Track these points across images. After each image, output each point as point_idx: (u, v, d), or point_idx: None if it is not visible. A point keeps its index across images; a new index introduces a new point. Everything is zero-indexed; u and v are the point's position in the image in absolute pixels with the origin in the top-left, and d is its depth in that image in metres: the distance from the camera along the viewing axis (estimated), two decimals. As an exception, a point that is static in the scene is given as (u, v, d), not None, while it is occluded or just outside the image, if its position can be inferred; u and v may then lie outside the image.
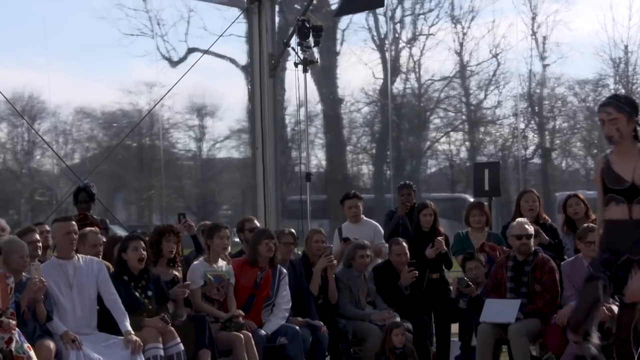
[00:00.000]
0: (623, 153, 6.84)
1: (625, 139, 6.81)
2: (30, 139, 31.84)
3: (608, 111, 6.80)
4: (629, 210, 6.74)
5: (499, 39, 33.58)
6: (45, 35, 32.49)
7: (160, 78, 26.58)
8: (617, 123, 6.76)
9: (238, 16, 13.98)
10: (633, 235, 6.74)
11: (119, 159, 29.66)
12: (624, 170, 6.79)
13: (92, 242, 8.56)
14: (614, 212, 6.83)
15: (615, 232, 6.83)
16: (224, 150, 35.34)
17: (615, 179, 6.82)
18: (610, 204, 6.85)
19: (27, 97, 30.83)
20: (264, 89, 13.63)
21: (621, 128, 6.77)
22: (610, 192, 6.85)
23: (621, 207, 6.78)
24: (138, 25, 30.96)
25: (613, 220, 6.84)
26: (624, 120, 6.77)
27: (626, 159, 6.80)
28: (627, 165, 6.78)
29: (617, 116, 6.76)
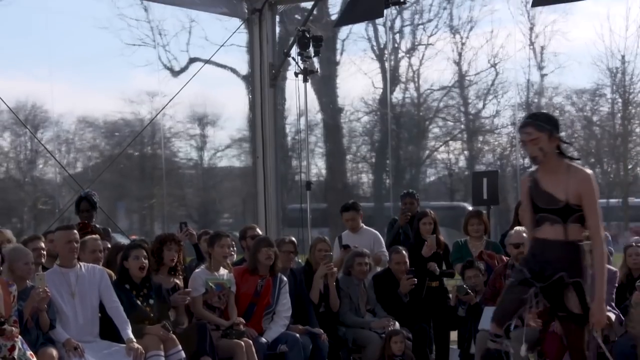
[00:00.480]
0: (551, 171, 6.67)
1: (550, 157, 6.62)
2: (33, 148, 31.85)
3: (528, 132, 6.62)
4: (564, 230, 6.59)
5: (497, 49, 33.58)
6: (49, 45, 32.48)
7: (161, 87, 26.65)
8: (538, 143, 6.58)
9: (239, 26, 13.99)
10: (568, 256, 6.59)
11: (120, 167, 29.67)
12: (555, 189, 6.61)
13: (91, 248, 8.56)
14: (548, 232, 6.65)
15: (549, 251, 6.66)
16: (225, 159, 35.34)
17: (546, 199, 6.64)
18: (544, 225, 6.66)
19: (30, 106, 30.84)
20: (264, 98, 13.64)
21: (544, 147, 6.58)
22: (542, 212, 6.67)
23: (556, 227, 6.61)
24: (140, 35, 30.95)
25: (548, 240, 6.65)
26: (545, 139, 6.58)
27: (555, 177, 6.63)
28: (558, 183, 6.60)
29: (537, 136, 6.58)
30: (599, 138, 34.22)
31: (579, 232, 6.60)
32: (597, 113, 34.17)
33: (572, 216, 6.55)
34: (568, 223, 6.56)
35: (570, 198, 6.52)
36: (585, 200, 6.52)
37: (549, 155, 6.59)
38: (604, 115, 34.00)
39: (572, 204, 6.53)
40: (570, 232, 6.57)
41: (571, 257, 6.58)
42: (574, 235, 6.58)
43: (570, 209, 6.54)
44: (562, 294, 6.60)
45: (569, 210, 6.54)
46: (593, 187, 6.58)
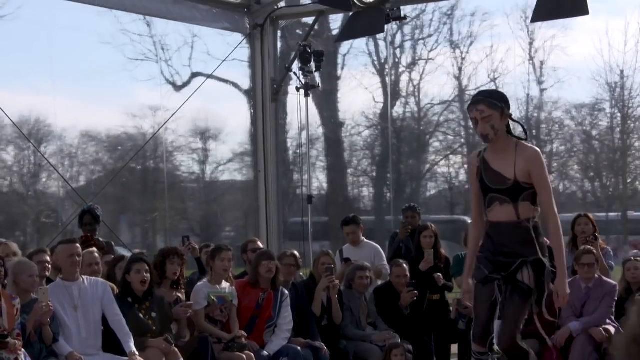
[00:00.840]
0: (500, 150, 6.50)
1: (500, 135, 6.46)
2: (36, 162, 31.85)
3: (480, 109, 6.43)
4: (515, 209, 6.42)
5: (497, 63, 33.64)
6: (52, 60, 32.48)
7: (164, 102, 26.55)
8: (490, 120, 6.40)
9: (241, 41, 14.00)
10: (522, 236, 6.44)
11: (123, 181, 29.66)
12: (504, 168, 6.45)
13: (88, 261, 8.56)
14: (499, 213, 6.49)
15: (503, 234, 6.49)
16: (226, 173, 35.31)
17: (495, 178, 6.49)
18: (494, 205, 6.50)
19: (33, 120, 30.85)
20: (266, 113, 13.64)
21: (495, 125, 6.41)
22: (491, 192, 6.51)
23: (506, 207, 6.45)
24: (143, 50, 30.96)
25: (501, 223, 6.49)
26: (497, 117, 6.41)
27: (504, 156, 6.47)
28: (507, 162, 6.45)
29: (490, 113, 6.40)
30: (598, 152, 34.21)
31: (530, 210, 6.45)
32: (597, 127, 34.17)
33: (522, 194, 6.41)
34: (518, 202, 6.42)
35: (519, 176, 6.39)
36: (535, 176, 6.39)
37: (499, 134, 6.45)
38: (603, 129, 34.00)
39: (522, 182, 6.39)
40: (521, 211, 6.42)
41: (525, 237, 6.43)
42: (525, 214, 6.43)
43: (519, 187, 6.40)
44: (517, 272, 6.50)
45: (519, 188, 6.40)
46: (542, 163, 6.46)
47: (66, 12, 25.33)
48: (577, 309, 9.03)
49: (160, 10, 13.19)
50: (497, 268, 6.50)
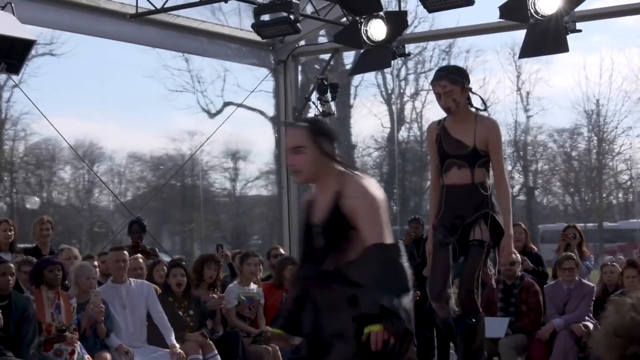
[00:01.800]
0: (460, 120, 6.25)
1: (461, 107, 6.23)
2: (90, 180, 31.92)
3: (442, 84, 6.18)
4: (471, 173, 6.19)
5: (489, 93, 33.54)
6: (103, 91, 32.59)
7: (200, 127, 26.70)
8: (452, 94, 6.17)
9: (267, 75, 14.03)
10: (475, 198, 6.19)
11: (164, 196, 29.68)
12: (464, 136, 6.21)
13: (133, 266, 8.60)
14: (455, 176, 6.24)
15: (458, 196, 6.23)
16: (254, 189, 35.32)
17: (455, 145, 6.24)
18: (452, 169, 6.25)
19: (87, 144, 30.95)
20: (288, 137, 13.64)
21: (457, 98, 6.18)
22: (450, 158, 6.25)
23: (463, 171, 6.20)
24: (181, 82, 31.14)
25: (456, 185, 6.23)
26: (459, 91, 6.18)
27: (464, 126, 6.23)
28: (467, 131, 6.21)
29: (451, 88, 6.16)
30: (578, 171, 34.11)
31: (484, 175, 6.23)
32: (576, 149, 34.07)
33: (479, 161, 6.19)
34: (475, 167, 6.19)
35: (478, 143, 6.17)
36: (492, 145, 6.17)
37: (460, 106, 6.23)
38: (581, 151, 33.90)
39: (480, 149, 6.17)
40: (476, 175, 6.20)
41: (478, 198, 6.19)
42: (479, 178, 6.20)
43: (477, 154, 6.18)
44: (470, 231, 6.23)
45: (476, 155, 6.18)
46: (499, 133, 6.25)
47: (115, 50, 25.46)
48: (560, 307, 8.99)
49: (197, 48, 13.25)
50: (451, 230, 6.25)
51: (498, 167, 6.20)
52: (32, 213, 25.77)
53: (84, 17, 11.25)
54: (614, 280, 9.21)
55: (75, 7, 11.15)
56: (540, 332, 8.83)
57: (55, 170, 31.62)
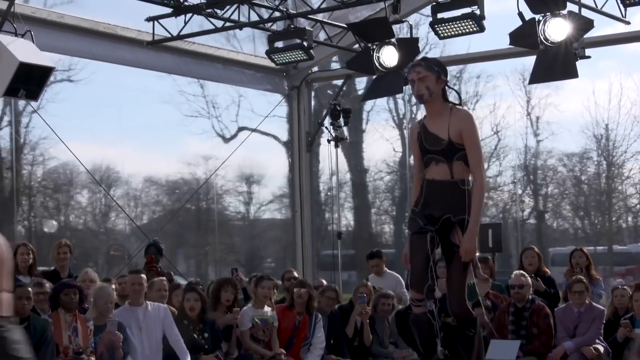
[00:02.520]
0: (436, 114, 6.07)
1: (435, 98, 6.05)
2: (106, 204, 31.94)
3: (417, 70, 6.03)
4: (450, 168, 5.97)
5: (499, 118, 33.45)
6: (120, 116, 32.67)
7: (214, 152, 26.61)
8: (426, 81, 5.99)
9: (280, 101, 14.08)
10: (454, 196, 5.97)
11: (180, 220, 29.66)
12: (439, 130, 6.01)
13: (157, 287, 8.61)
14: (434, 171, 6.04)
15: (437, 192, 6.03)
16: (268, 212, 35.29)
17: (432, 140, 6.04)
18: (431, 165, 6.06)
19: (104, 168, 30.98)
20: (301, 161, 13.68)
21: (430, 86, 6.00)
22: (429, 154, 6.06)
23: (441, 166, 6.00)
24: (197, 108, 31.04)
25: (435, 181, 6.04)
26: (433, 79, 6.00)
27: (439, 119, 6.03)
28: (442, 124, 6.01)
29: (426, 74, 5.99)
30: (587, 194, 33.98)
31: (463, 170, 6.00)
32: (585, 173, 33.94)
33: (456, 154, 5.97)
34: (452, 161, 5.97)
35: (453, 136, 5.96)
36: (466, 137, 5.97)
37: (434, 97, 6.04)
38: (591, 175, 33.77)
39: (455, 142, 5.96)
40: (455, 170, 5.97)
41: (456, 196, 5.96)
42: (458, 173, 5.98)
43: (453, 147, 5.97)
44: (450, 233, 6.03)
45: (453, 148, 5.97)
46: (473, 123, 6.06)
47: (132, 76, 25.52)
48: (571, 330, 8.94)
49: (212, 74, 13.33)
50: (429, 221, 6.06)
51: (472, 157, 5.97)
52: (50, 236, 25.82)
53: (102, 44, 11.34)
54: (624, 304, 9.17)
55: (93, 34, 11.25)
56: (552, 354, 8.79)
57: (73, 195, 31.66)
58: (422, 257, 6.06)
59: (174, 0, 10.80)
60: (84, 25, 11.16)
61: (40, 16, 10.65)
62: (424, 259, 6.05)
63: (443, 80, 6.08)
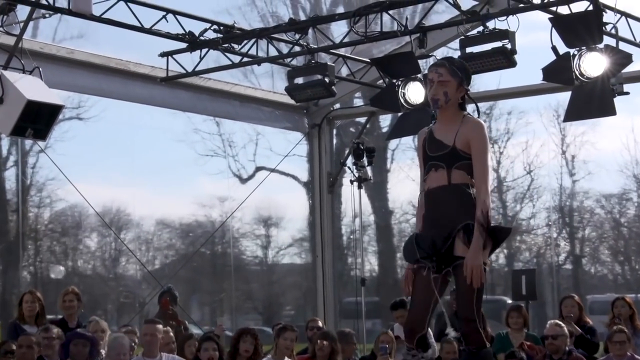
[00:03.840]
0: (447, 121, 5.80)
1: (451, 105, 5.78)
2: (116, 248, 32.07)
3: (440, 72, 5.75)
4: (448, 175, 5.66)
5: (532, 157, 33.44)
6: (132, 156, 32.94)
7: (231, 193, 26.71)
8: (446, 86, 5.72)
9: (300, 139, 14.14)
10: (453, 202, 5.64)
11: (194, 265, 29.73)
12: (446, 136, 5.73)
13: (163, 341, 8.60)
14: (432, 179, 5.74)
15: (436, 202, 5.72)
16: (287, 256, 35.30)
17: (436, 146, 5.76)
18: (430, 172, 5.76)
19: (114, 210, 31.15)
20: (323, 203, 13.69)
21: (449, 93, 5.73)
22: (431, 160, 5.78)
23: (440, 172, 5.69)
24: (212, 147, 31.26)
25: (432, 190, 5.74)
26: (454, 86, 5.73)
27: (449, 126, 5.75)
28: (450, 131, 5.73)
29: (448, 79, 5.73)
30: (627, 238, 33.78)
31: (463, 178, 5.68)
32: (625, 215, 33.79)
33: (458, 163, 5.67)
34: (452, 169, 5.67)
35: (458, 143, 5.67)
36: (474, 146, 5.67)
37: (450, 104, 5.77)
38: (630, 217, 33.61)
39: (459, 149, 5.67)
40: (454, 177, 5.67)
41: (458, 199, 5.65)
42: (457, 179, 5.67)
43: (456, 154, 5.67)
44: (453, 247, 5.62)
45: (455, 155, 5.67)
46: (483, 133, 5.72)
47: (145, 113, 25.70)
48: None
49: (229, 111, 13.40)
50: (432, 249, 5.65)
51: (478, 168, 5.67)
52: (57, 283, 25.92)
53: (113, 80, 11.44)
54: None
55: (104, 70, 11.36)
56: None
57: (81, 238, 31.82)
58: (424, 297, 5.72)
59: (189, 35, 10.90)
60: (94, 61, 11.28)
61: (49, 52, 10.77)
62: (425, 301, 5.73)
63: (464, 89, 5.83)
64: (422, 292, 5.71)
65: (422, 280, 5.70)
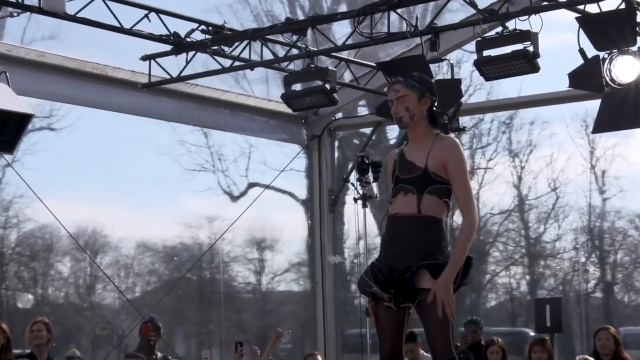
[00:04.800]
0: (418, 140, 5.78)
1: (418, 122, 5.77)
2: (92, 273, 32.08)
3: (396, 89, 5.80)
4: (418, 201, 5.60)
5: (557, 172, 33.47)
6: (110, 171, 33.00)
7: (220, 212, 26.71)
8: (405, 101, 5.74)
9: (298, 152, 14.16)
10: (422, 235, 5.60)
11: (179, 293, 29.76)
12: (417, 157, 5.70)
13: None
14: (399, 204, 5.68)
15: (401, 231, 5.67)
16: (283, 283, 35.31)
17: (407, 168, 5.73)
18: (398, 195, 5.70)
19: (90, 231, 31.16)
20: (323, 223, 13.70)
21: (410, 107, 5.73)
22: (399, 183, 5.73)
23: (409, 197, 5.63)
24: (200, 160, 31.28)
25: (398, 216, 5.68)
26: (414, 98, 5.74)
27: (421, 146, 5.73)
28: (421, 151, 5.71)
29: (405, 93, 5.75)
30: (664, 262, 33.82)
31: (435, 207, 5.63)
32: (662, 237, 33.82)
33: (430, 187, 5.62)
34: (423, 194, 5.61)
35: (431, 165, 5.63)
36: (451, 168, 5.65)
37: (416, 120, 5.75)
38: (668, 239, 33.65)
39: (432, 171, 5.63)
40: (425, 204, 5.62)
41: (425, 236, 5.60)
42: (428, 209, 5.61)
43: (428, 177, 5.63)
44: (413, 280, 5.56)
45: (427, 178, 5.63)
46: (459, 153, 5.74)
47: (124, 124, 25.78)
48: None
49: (218, 122, 13.44)
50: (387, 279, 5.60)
51: (460, 192, 5.68)
52: (25, 313, 25.90)
53: (89, 87, 11.47)
54: None
55: (78, 75, 11.38)
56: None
57: (52, 263, 31.82)
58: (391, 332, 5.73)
59: (173, 37, 10.94)
60: (68, 65, 11.30)
61: (17, 54, 10.80)
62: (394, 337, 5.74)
63: (428, 99, 5.82)
64: (389, 328, 5.73)
65: (385, 314, 5.71)
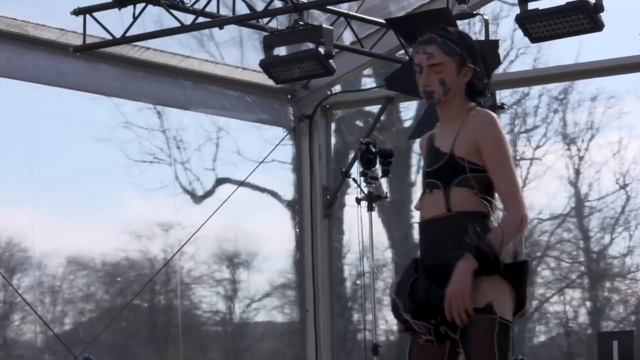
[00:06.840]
0: (449, 120, 5.65)
1: (454, 97, 5.60)
2: (6, 300, 32.03)
3: (429, 52, 5.55)
4: (446, 198, 5.48)
5: (628, 164, 33.49)
6: (30, 163, 32.85)
7: (179, 217, 26.62)
8: (441, 71, 5.54)
9: (283, 138, 14.18)
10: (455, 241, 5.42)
11: (123, 325, 29.76)
12: (444, 141, 5.60)
13: None
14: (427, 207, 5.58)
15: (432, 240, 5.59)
16: (262, 312, 35.11)
17: (433, 157, 5.64)
18: (425, 195, 5.64)
19: (4, 243, 31.13)
20: (316, 232, 13.78)
21: (447, 80, 5.54)
22: (427, 177, 5.66)
23: (435, 195, 5.53)
24: (151, 148, 31.11)
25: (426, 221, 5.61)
26: (452, 68, 5.54)
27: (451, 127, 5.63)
28: (450, 133, 5.60)
29: (441, 60, 5.52)
30: None
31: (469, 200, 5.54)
32: None
33: (458, 177, 5.50)
34: (450, 187, 5.51)
35: (458, 149, 5.52)
36: (487, 152, 5.53)
37: (452, 95, 5.60)
38: None
39: (459, 157, 5.50)
40: (455, 200, 5.51)
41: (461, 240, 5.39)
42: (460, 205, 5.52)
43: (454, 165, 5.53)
44: None
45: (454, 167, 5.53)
46: (496, 130, 5.60)
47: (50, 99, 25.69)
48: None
49: (176, 97, 13.41)
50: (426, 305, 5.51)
51: (501, 181, 5.57)
52: None
53: (3, 49, 11.49)
54: None
55: (-10, 36, 11.42)
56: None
57: (-46, 286, 31.91)
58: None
59: (117, -17, 10.96)
60: (-25, 22, 11.37)
61: None
62: None
63: (470, 70, 5.63)
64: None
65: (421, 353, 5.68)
